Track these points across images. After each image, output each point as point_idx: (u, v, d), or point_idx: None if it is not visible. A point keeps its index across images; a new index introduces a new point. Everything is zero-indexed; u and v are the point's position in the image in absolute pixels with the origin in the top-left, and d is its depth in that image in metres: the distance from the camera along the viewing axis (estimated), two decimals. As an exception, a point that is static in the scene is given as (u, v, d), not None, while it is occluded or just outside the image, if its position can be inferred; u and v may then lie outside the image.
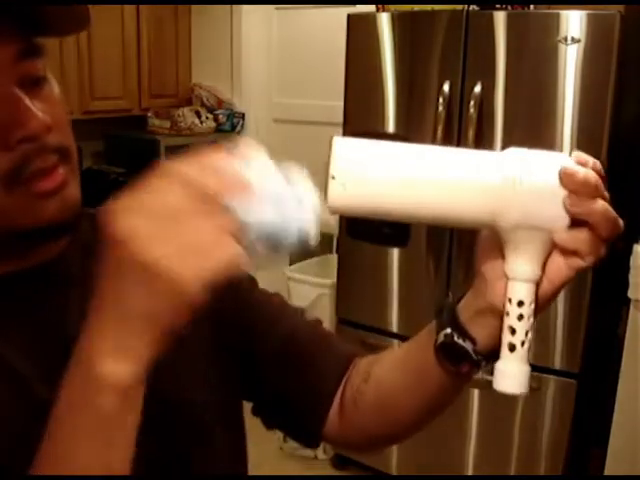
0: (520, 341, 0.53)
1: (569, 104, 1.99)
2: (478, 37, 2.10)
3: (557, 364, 2.13)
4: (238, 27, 3.44)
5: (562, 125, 2.01)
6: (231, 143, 0.47)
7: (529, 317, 0.53)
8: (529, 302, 0.53)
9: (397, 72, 2.28)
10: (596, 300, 2.11)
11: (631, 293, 1.82)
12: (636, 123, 2.31)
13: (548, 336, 2.11)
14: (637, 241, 1.79)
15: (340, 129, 2.42)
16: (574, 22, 1.94)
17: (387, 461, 2.52)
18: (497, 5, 2.14)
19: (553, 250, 0.52)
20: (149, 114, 3.41)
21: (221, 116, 3.51)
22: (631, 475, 1.88)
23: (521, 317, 0.53)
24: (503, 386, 0.53)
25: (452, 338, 0.59)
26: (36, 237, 0.59)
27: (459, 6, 2.15)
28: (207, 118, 3.47)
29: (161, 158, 3.17)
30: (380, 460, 2.54)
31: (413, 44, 2.25)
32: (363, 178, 0.50)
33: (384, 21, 2.27)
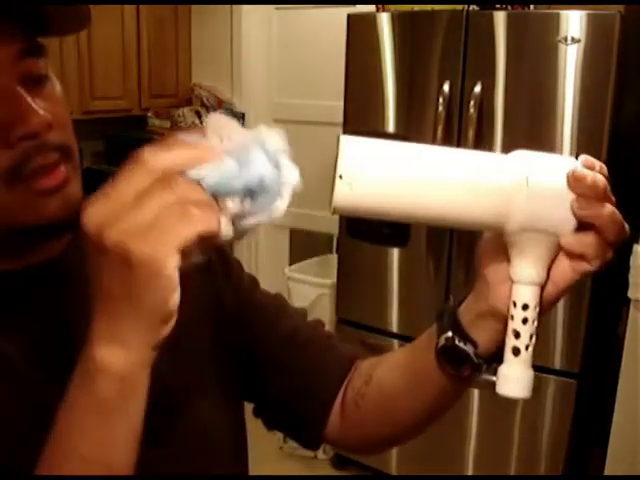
0: (524, 345, 0.53)
1: (569, 104, 1.98)
2: (478, 37, 2.10)
3: (557, 364, 2.13)
4: (238, 27, 3.43)
5: (562, 125, 2.01)
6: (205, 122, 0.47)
7: (534, 321, 0.53)
8: (534, 305, 0.53)
9: (397, 72, 2.28)
10: (596, 300, 2.11)
11: (631, 293, 1.82)
12: (636, 123, 2.31)
13: (548, 336, 2.11)
14: (637, 241, 1.79)
15: (340, 129, 2.42)
16: (574, 22, 1.94)
17: (387, 461, 2.52)
18: (497, 5, 2.14)
19: (559, 253, 0.52)
20: (149, 114, 3.40)
21: (221, 116, 3.51)
22: (631, 475, 1.88)
23: (525, 321, 0.52)
24: (506, 390, 0.53)
25: (453, 341, 0.59)
26: (38, 235, 0.59)
27: (459, 6, 2.14)
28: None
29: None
30: (380, 460, 2.54)
31: (413, 44, 2.24)
32: (371, 178, 0.48)
33: (384, 21, 2.26)
